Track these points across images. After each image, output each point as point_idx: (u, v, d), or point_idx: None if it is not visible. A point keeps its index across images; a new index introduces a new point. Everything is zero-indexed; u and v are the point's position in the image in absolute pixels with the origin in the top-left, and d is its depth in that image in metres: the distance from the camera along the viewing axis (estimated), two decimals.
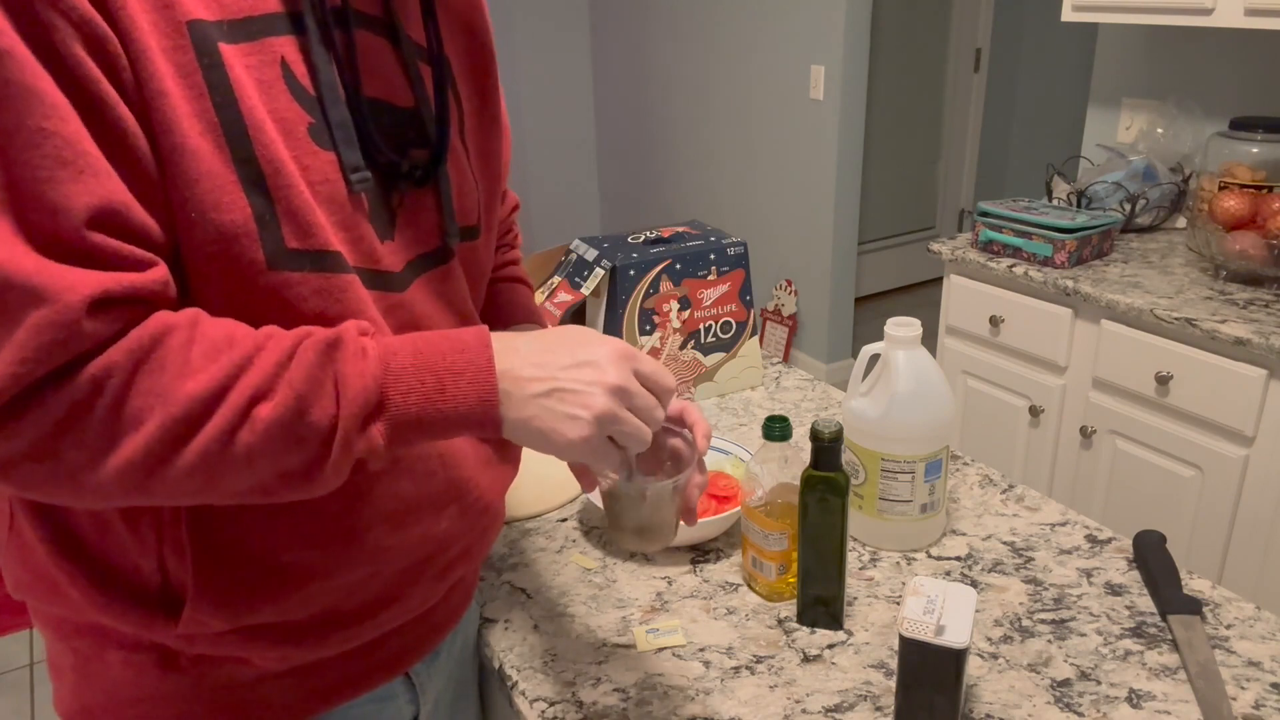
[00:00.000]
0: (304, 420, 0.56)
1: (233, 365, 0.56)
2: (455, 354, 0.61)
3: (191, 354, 0.55)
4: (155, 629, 0.65)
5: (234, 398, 0.55)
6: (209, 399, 0.55)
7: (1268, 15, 1.76)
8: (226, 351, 0.56)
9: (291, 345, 0.58)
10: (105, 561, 0.64)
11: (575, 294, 1.32)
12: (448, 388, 0.60)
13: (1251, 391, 1.65)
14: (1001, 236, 2.05)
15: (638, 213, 4.56)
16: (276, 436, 0.56)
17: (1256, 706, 0.80)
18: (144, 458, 0.54)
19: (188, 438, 0.55)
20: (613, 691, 0.84)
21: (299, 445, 0.57)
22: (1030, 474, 2.13)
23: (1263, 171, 1.85)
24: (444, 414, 0.60)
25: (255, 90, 0.59)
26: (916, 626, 0.72)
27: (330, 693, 0.73)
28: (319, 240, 0.61)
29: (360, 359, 0.58)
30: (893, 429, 0.98)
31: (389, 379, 0.59)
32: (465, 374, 0.60)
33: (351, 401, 0.57)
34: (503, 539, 1.07)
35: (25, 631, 2.43)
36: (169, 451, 0.55)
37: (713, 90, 3.86)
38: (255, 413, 0.56)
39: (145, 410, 0.54)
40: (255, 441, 0.56)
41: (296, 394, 0.56)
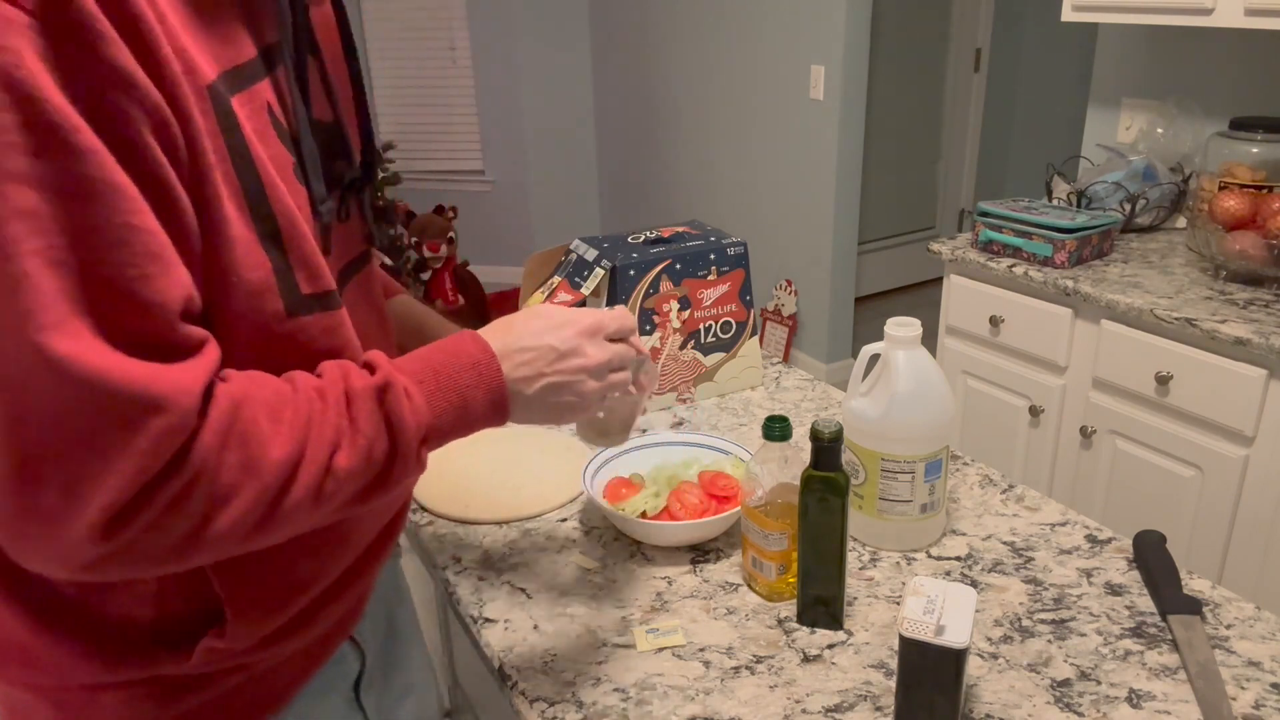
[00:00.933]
0: (371, 460, 0.63)
1: (302, 425, 0.60)
2: (468, 371, 0.68)
3: (262, 423, 0.58)
4: (160, 667, 0.66)
5: (314, 455, 0.60)
6: (293, 461, 0.59)
7: (1268, 15, 1.76)
8: (288, 411, 0.60)
9: (343, 392, 0.63)
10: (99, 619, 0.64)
11: (575, 294, 1.32)
12: (470, 405, 0.68)
13: (1251, 391, 1.65)
14: (1001, 236, 2.05)
15: (638, 213, 4.56)
16: (352, 478, 0.62)
17: (1256, 706, 0.80)
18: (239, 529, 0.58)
19: (281, 499, 0.59)
20: (613, 691, 0.84)
21: (367, 478, 0.63)
22: (1030, 474, 2.13)
23: (1263, 171, 1.85)
24: (468, 424, 0.69)
25: (258, 142, 0.60)
26: (916, 626, 0.72)
27: (301, 673, 0.76)
28: (324, 282, 0.65)
29: (405, 400, 0.64)
30: (893, 429, 0.98)
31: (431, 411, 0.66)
32: (479, 390, 0.69)
33: (408, 435, 0.64)
34: (503, 539, 1.07)
35: None
36: (266, 513, 0.58)
37: (713, 90, 3.86)
38: (334, 464, 0.61)
39: (238, 486, 0.57)
40: (336, 487, 0.61)
41: (366, 440, 0.62)
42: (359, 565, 0.77)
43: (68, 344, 0.50)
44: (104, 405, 0.51)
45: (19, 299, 0.49)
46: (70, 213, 0.50)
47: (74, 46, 0.49)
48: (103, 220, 0.50)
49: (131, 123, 0.51)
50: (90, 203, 0.50)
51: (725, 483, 1.07)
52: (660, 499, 1.05)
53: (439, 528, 1.10)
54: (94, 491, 0.52)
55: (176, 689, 0.68)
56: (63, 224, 0.49)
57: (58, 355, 0.49)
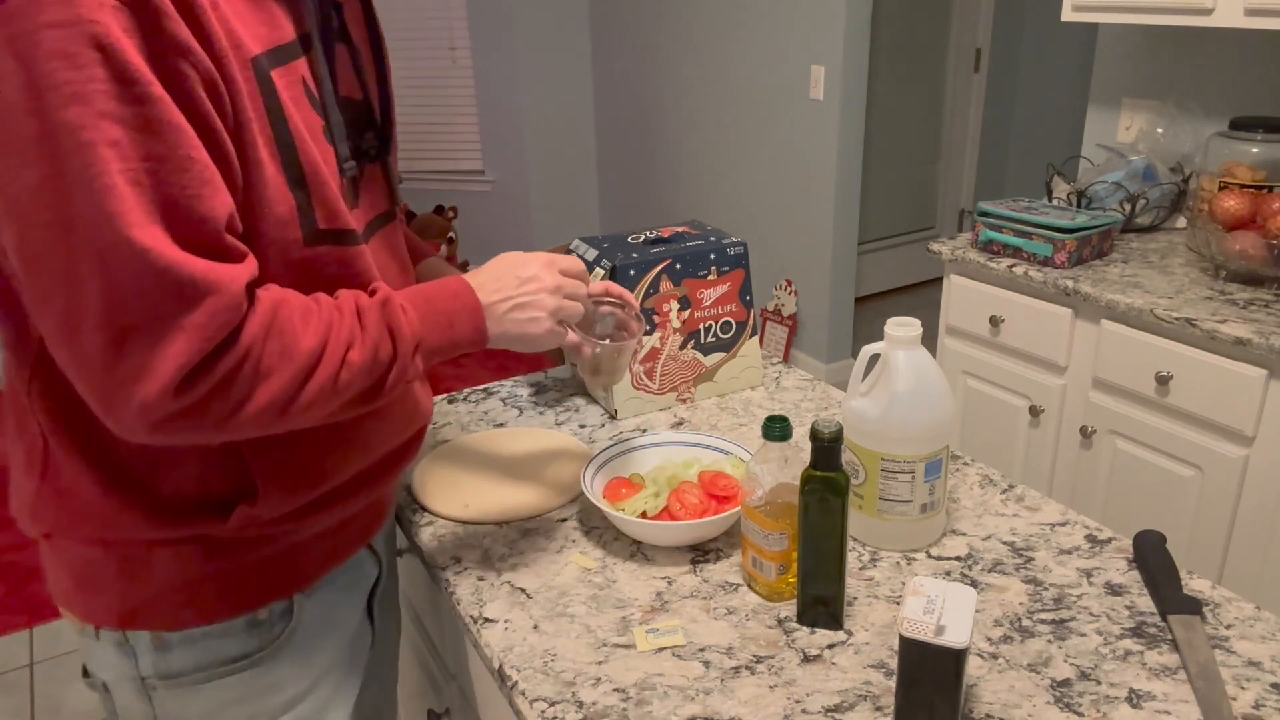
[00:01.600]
0: (377, 358, 0.79)
1: (324, 326, 0.76)
2: (453, 299, 0.85)
3: (295, 321, 0.74)
4: (202, 528, 0.82)
5: (333, 348, 0.76)
6: (318, 351, 0.75)
7: (1268, 15, 1.76)
8: (314, 316, 0.76)
9: (354, 306, 0.79)
10: (155, 490, 0.80)
11: None
12: (455, 324, 0.85)
13: (1251, 391, 1.65)
14: (1001, 236, 2.06)
15: (638, 213, 4.56)
16: (362, 372, 0.78)
17: (1256, 706, 0.80)
18: (275, 404, 0.73)
19: (306, 381, 0.75)
20: (613, 691, 0.84)
21: (373, 375, 0.79)
22: (1030, 474, 2.13)
23: (1263, 171, 1.85)
24: (454, 341, 0.85)
25: (292, 106, 0.76)
26: (916, 626, 0.72)
27: (325, 559, 0.92)
28: (341, 221, 0.81)
29: (403, 313, 0.81)
30: (893, 429, 0.98)
31: (424, 328, 0.82)
32: (462, 313, 0.85)
33: (405, 341, 0.81)
34: (503, 539, 1.07)
35: (25, 631, 2.43)
36: (295, 393, 0.74)
37: (713, 90, 3.86)
38: (349, 358, 0.77)
39: (275, 366, 0.73)
40: (350, 379, 0.77)
41: (372, 341, 0.79)
42: (375, 471, 0.93)
43: (149, 239, 0.65)
44: (174, 286, 0.66)
45: (107, 204, 0.64)
46: (144, 144, 0.65)
47: (146, 21, 0.64)
48: (168, 151, 0.66)
49: (188, 80, 0.67)
50: (159, 137, 0.65)
51: (725, 483, 1.07)
52: (660, 499, 1.05)
53: (439, 528, 1.10)
54: (167, 355, 0.67)
55: (217, 549, 0.84)
56: (140, 152, 0.64)
57: (142, 246, 0.65)
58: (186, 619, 0.85)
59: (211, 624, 0.86)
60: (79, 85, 0.62)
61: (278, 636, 0.89)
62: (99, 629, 0.86)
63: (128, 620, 0.85)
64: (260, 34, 0.74)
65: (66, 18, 0.61)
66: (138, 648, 0.86)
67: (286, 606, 0.90)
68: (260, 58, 0.73)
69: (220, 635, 0.86)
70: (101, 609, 0.85)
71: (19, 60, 0.62)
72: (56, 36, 0.61)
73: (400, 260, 0.96)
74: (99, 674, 0.90)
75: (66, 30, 0.61)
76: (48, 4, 0.61)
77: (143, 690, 0.88)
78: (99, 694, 0.91)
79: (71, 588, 0.86)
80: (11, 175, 0.64)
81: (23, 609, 2.51)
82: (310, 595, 0.91)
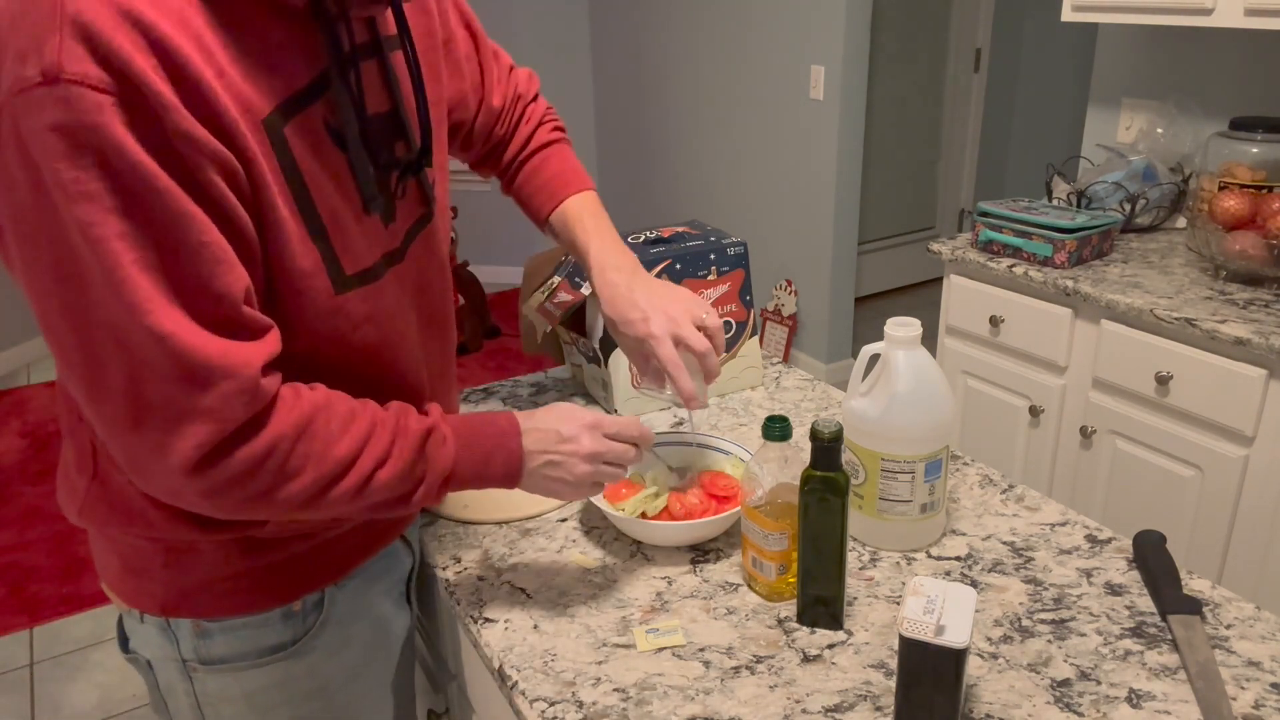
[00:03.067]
0: (404, 482, 0.82)
1: (361, 437, 0.79)
2: (497, 439, 0.88)
3: (333, 427, 0.78)
4: (245, 529, 0.85)
5: (364, 463, 0.79)
6: (348, 462, 0.78)
7: (1268, 15, 1.76)
8: (353, 425, 0.79)
9: (395, 424, 0.82)
10: None
11: (575, 294, 1.32)
12: (490, 464, 0.88)
13: (1251, 391, 1.65)
14: (1001, 236, 2.06)
15: (638, 213, 4.56)
16: (385, 490, 0.81)
17: (1256, 706, 0.80)
18: (296, 500, 0.77)
19: (330, 489, 0.78)
20: (613, 691, 0.84)
21: (397, 495, 0.83)
22: (1030, 474, 2.13)
23: (1263, 171, 1.85)
24: (484, 478, 0.88)
25: (310, 155, 0.76)
26: (916, 626, 0.72)
27: (359, 552, 0.96)
28: (364, 262, 0.83)
29: (442, 445, 0.84)
30: (893, 429, 0.98)
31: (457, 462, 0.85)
32: (499, 454, 0.88)
33: (436, 474, 0.84)
34: (503, 539, 1.07)
35: (25, 631, 2.43)
36: (316, 497, 0.77)
37: (713, 90, 3.86)
38: (377, 475, 0.80)
39: (302, 468, 0.76)
40: (372, 492, 0.80)
41: (404, 464, 0.82)
42: None
43: (169, 323, 0.68)
44: (189, 371, 0.69)
45: (124, 295, 0.66)
46: (154, 234, 0.66)
47: (147, 115, 0.65)
48: (180, 238, 0.67)
49: (199, 167, 0.68)
50: (168, 227, 0.67)
51: (725, 483, 1.07)
52: (660, 499, 1.05)
53: (439, 528, 1.10)
54: (184, 436, 0.70)
55: (257, 546, 0.87)
56: (150, 241, 0.66)
57: (161, 332, 0.67)
58: (226, 609, 0.89)
59: (250, 615, 0.89)
60: (85, 184, 0.64)
61: (311, 626, 0.93)
62: (143, 613, 0.90)
63: (171, 608, 0.88)
64: (274, 88, 0.74)
65: (67, 121, 0.63)
66: (179, 633, 0.90)
67: (319, 598, 0.93)
68: (273, 116, 0.73)
69: (259, 625, 0.90)
70: (146, 596, 0.89)
71: (23, 158, 0.64)
72: (59, 138, 0.63)
73: (439, 259, 0.98)
74: (142, 651, 0.93)
75: (68, 133, 0.63)
76: (47, 105, 0.63)
77: (184, 670, 0.91)
78: (140, 669, 0.94)
79: (119, 573, 0.90)
80: (30, 262, 0.67)
81: (23, 609, 2.51)
82: (341, 587, 0.94)
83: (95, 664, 2.32)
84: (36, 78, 0.62)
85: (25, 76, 0.63)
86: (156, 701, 0.96)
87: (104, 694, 2.22)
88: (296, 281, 0.77)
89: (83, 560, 2.70)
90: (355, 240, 0.81)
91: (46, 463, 3.29)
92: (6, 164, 0.65)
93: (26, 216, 0.66)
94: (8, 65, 0.64)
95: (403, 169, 0.87)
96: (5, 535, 2.85)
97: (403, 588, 1.04)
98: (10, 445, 3.43)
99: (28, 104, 0.63)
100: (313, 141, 0.77)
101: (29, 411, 3.69)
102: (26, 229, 0.66)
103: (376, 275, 0.84)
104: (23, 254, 0.68)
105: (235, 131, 0.70)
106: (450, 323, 1.02)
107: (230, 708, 0.93)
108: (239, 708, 0.93)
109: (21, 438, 3.48)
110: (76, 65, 0.63)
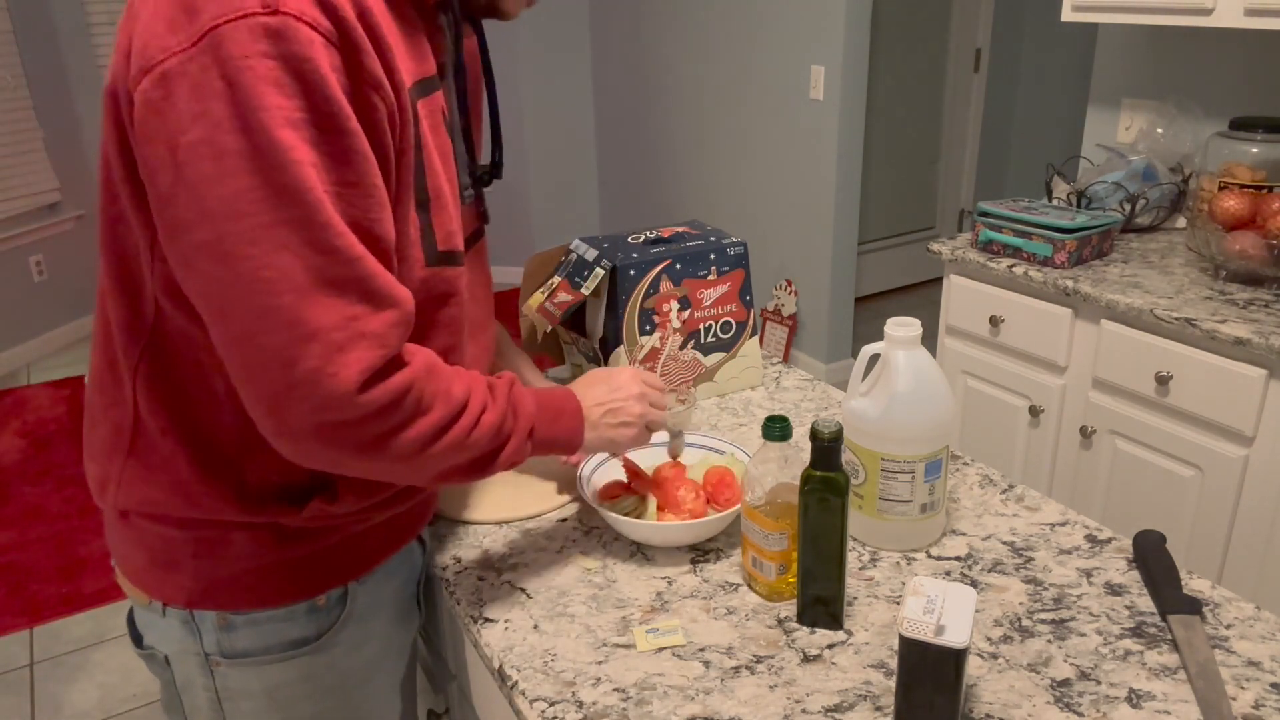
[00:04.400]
0: (502, 428, 0.86)
1: (467, 382, 0.84)
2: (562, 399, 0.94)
3: (446, 371, 0.82)
4: (277, 515, 0.86)
5: (473, 405, 0.83)
6: (464, 402, 0.82)
7: (1268, 15, 1.76)
8: (460, 374, 0.84)
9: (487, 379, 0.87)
10: (243, 475, 0.85)
11: (575, 294, 1.32)
12: (560, 419, 0.93)
13: (1251, 391, 1.65)
14: (1001, 236, 2.06)
15: (638, 213, 4.56)
16: (489, 434, 0.85)
17: (1256, 706, 0.80)
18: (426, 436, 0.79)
19: (450, 426, 0.81)
20: (613, 691, 0.84)
21: (495, 442, 0.86)
22: (1030, 474, 2.13)
23: (1263, 171, 1.85)
24: (557, 436, 0.93)
25: (430, 133, 0.82)
26: (916, 626, 0.72)
27: (383, 548, 0.97)
28: (455, 242, 0.87)
29: (524, 399, 0.90)
30: (893, 429, 0.98)
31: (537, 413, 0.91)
32: (567, 411, 0.94)
33: (524, 420, 0.89)
34: (503, 539, 1.07)
35: (25, 631, 2.43)
36: (439, 434, 0.80)
37: (713, 90, 3.86)
38: (484, 418, 0.84)
39: (433, 404, 0.79)
40: (478, 436, 0.84)
41: (500, 412, 0.86)
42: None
43: (357, 249, 0.72)
44: (370, 292, 0.73)
45: (317, 216, 0.70)
46: (339, 170, 0.71)
47: (350, 58, 0.71)
48: (358, 178, 0.72)
49: (378, 112, 0.73)
50: (351, 165, 0.72)
51: (724, 481, 1.07)
52: (648, 501, 1.05)
53: (439, 528, 1.10)
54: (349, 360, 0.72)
55: (287, 536, 0.88)
56: (334, 176, 0.71)
57: (354, 255, 0.72)
58: (253, 601, 0.89)
59: (276, 608, 0.90)
60: (289, 111, 0.68)
61: (335, 622, 0.93)
62: (166, 606, 0.90)
63: (197, 600, 0.89)
64: (411, 67, 0.80)
65: (281, 50, 0.67)
66: (202, 627, 0.90)
67: (342, 593, 0.94)
68: (411, 89, 0.79)
69: (283, 619, 0.91)
70: (173, 587, 0.89)
71: (229, 82, 0.67)
72: (271, 66, 0.67)
73: (485, 275, 1.06)
74: (160, 647, 0.93)
75: (280, 61, 0.67)
76: (262, 34, 0.67)
77: (205, 665, 0.91)
78: (156, 665, 0.94)
79: (145, 565, 0.90)
80: (209, 183, 0.68)
81: (23, 609, 2.51)
82: (362, 582, 0.95)
83: (95, 664, 2.32)
84: (256, 7, 0.67)
85: (242, 6, 0.67)
86: (170, 699, 0.95)
87: (104, 694, 2.22)
88: (404, 247, 0.81)
89: (83, 560, 2.70)
90: (448, 221, 0.85)
91: (46, 463, 3.29)
92: (202, 89, 0.67)
93: (220, 139, 0.67)
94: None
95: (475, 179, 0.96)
96: (5, 535, 2.85)
97: (414, 586, 1.05)
98: (10, 445, 3.43)
99: (242, 30, 0.66)
100: (433, 123, 0.83)
101: (29, 411, 3.69)
102: (211, 148, 0.68)
103: (458, 260, 0.88)
104: (205, 174, 0.68)
105: (402, 91, 0.76)
106: (490, 336, 1.08)
107: (249, 703, 0.93)
108: (258, 703, 0.93)
109: (21, 438, 3.48)
110: (296, 3, 0.68)
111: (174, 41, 0.68)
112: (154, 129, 0.69)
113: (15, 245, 4.08)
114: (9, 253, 4.06)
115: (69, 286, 4.39)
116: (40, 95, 4.14)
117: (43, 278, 4.25)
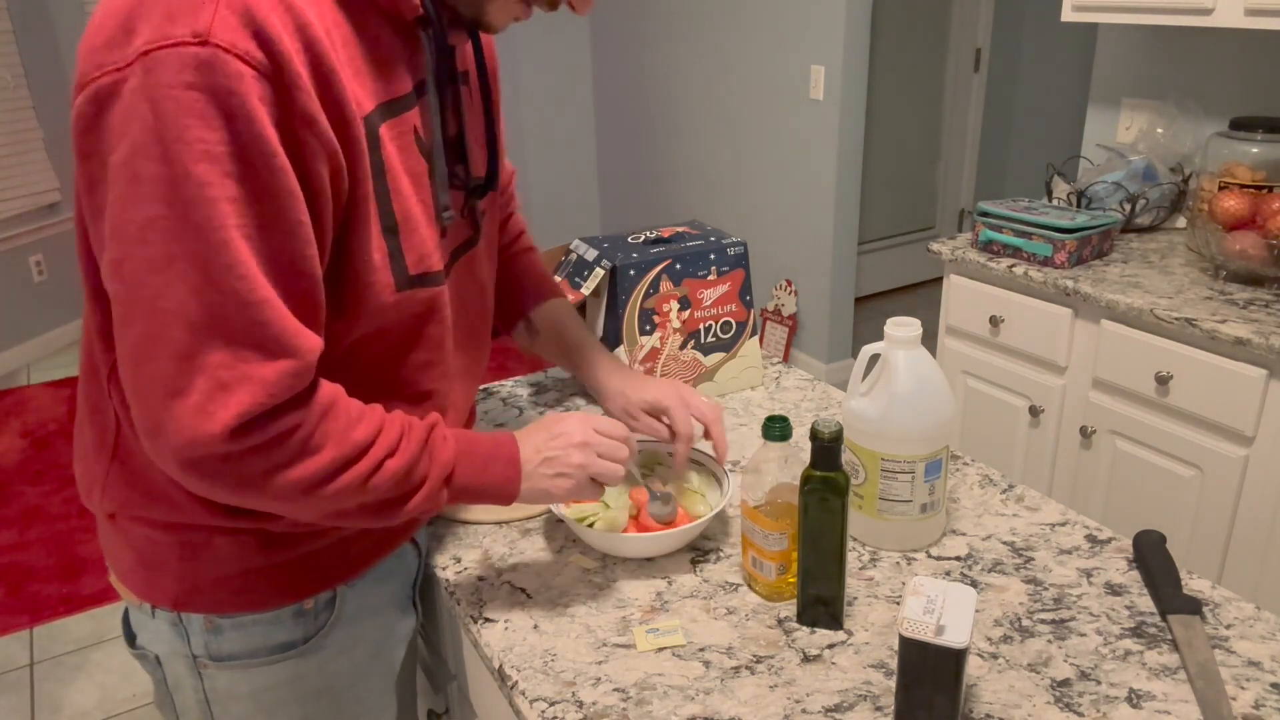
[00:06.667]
0: (410, 474, 0.83)
1: (376, 425, 0.81)
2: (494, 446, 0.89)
3: (352, 412, 0.80)
4: (263, 521, 0.85)
5: (377, 450, 0.80)
6: (364, 446, 0.79)
7: (1268, 15, 1.76)
8: (368, 414, 0.81)
9: (403, 421, 0.84)
10: None
11: (575, 294, 1.32)
12: (488, 469, 0.89)
13: (1251, 391, 1.65)
14: (1001, 236, 2.06)
15: (638, 213, 4.56)
16: (393, 481, 0.81)
17: (1256, 706, 0.80)
18: (313, 478, 0.77)
19: (344, 469, 0.78)
20: (613, 691, 0.84)
21: (401, 488, 0.83)
22: (1030, 474, 2.13)
23: (1263, 171, 1.85)
24: (483, 485, 0.89)
25: (396, 155, 0.81)
26: (916, 626, 0.72)
27: (372, 552, 0.96)
28: (429, 264, 0.85)
29: (444, 443, 0.86)
30: (893, 429, 0.98)
31: (458, 460, 0.87)
32: (498, 461, 0.89)
33: (439, 467, 0.85)
34: (503, 539, 1.07)
35: (25, 631, 2.43)
36: (330, 477, 0.77)
37: (713, 90, 3.86)
38: (386, 463, 0.81)
39: (323, 445, 0.77)
40: (379, 481, 0.81)
41: (410, 457, 0.82)
42: None
43: (261, 292, 0.70)
44: (264, 339, 0.71)
45: (222, 255, 0.69)
46: (260, 206, 0.69)
47: (280, 92, 0.69)
48: (282, 215, 0.71)
49: (313, 154, 0.72)
50: (275, 202, 0.70)
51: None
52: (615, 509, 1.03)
53: (438, 528, 1.10)
54: (231, 401, 0.70)
55: (272, 541, 0.87)
56: (256, 211, 0.69)
57: (254, 299, 0.70)
58: (239, 605, 0.89)
59: (262, 611, 0.90)
60: (210, 145, 0.67)
61: (322, 625, 0.93)
62: (155, 607, 0.90)
63: (183, 602, 0.89)
64: (378, 89, 0.79)
65: (208, 82, 0.66)
66: (190, 629, 0.90)
67: (330, 597, 0.93)
68: (373, 114, 0.78)
69: (270, 623, 0.90)
70: (158, 589, 0.89)
71: (154, 109, 0.66)
72: (195, 98, 0.66)
73: (478, 285, 1.02)
74: (151, 647, 0.93)
75: (206, 94, 0.66)
76: (191, 65, 0.66)
77: (194, 667, 0.92)
78: (148, 665, 0.94)
79: (132, 566, 0.90)
80: (127, 204, 0.68)
81: (23, 609, 2.51)
82: (352, 586, 0.95)
83: (95, 664, 2.32)
84: (186, 36, 0.66)
85: (172, 34, 0.66)
86: (162, 698, 0.96)
87: (104, 694, 2.22)
88: (366, 274, 0.80)
89: (83, 560, 2.70)
90: (420, 244, 0.84)
91: (46, 463, 3.29)
92: (129, 111, 0.67)
93: (138, 164, 0.67)
94: (154, 20, 0.66)
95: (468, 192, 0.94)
96: (5, 535, 2.85)
97: (409, 589, 1.04)
98: (10, 445, 3.43)
99: (169, 59, 0.66)
100: (401, 145, 0.81)
101: (29, 411, 3.69)
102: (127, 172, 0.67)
103: (434, 281, 0.87)
104: (122, 196, 0.68)
105: (351, 121, 0.74)
106: (484, 344, 1.06)
107: (238, 705, 0.93)
108: (246, 705, 0.93)
109: (21, 438, 3.48)
110: (228, 34, 0.66)
111: (109, 59, 0.68)
112: (90, 145, 0.69)
113: (15, 245, 4.08)
114: (9, 253, 4.07)
115: (69, 286, 4.39)
116: (40, 95, 4.14)
117: (43, 278, 4.25)
